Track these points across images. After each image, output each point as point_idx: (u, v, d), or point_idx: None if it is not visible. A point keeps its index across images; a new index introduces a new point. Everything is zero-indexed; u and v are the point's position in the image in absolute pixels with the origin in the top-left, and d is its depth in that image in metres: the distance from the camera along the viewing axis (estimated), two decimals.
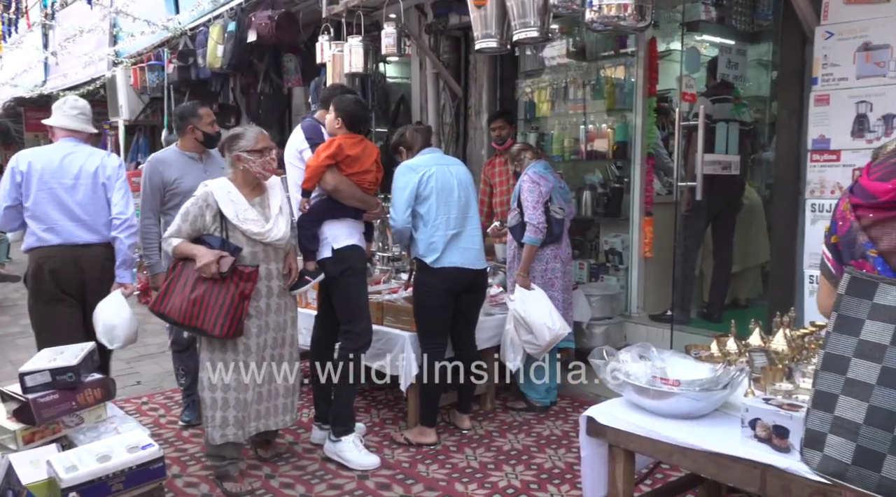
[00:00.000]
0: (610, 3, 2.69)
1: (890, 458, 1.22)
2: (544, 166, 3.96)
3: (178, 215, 2.96)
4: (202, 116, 3.59)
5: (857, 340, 1.29)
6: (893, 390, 1.23)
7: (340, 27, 4.85)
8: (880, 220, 1.40)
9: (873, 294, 1.30)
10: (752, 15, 5.61)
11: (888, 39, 2.94)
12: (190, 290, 2.87)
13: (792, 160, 3.66)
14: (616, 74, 5.16)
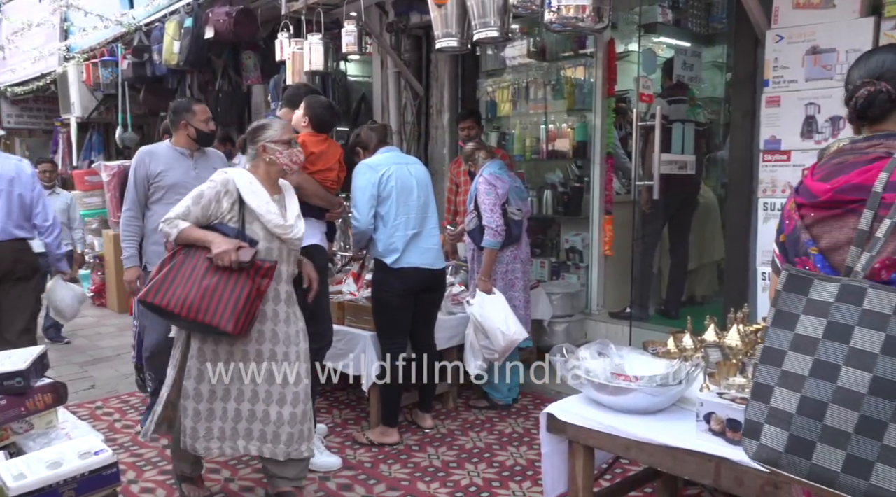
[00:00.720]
0: (568, 4, 2.72)
1: (820, 445, 1.27)
2: (499, 166, 3.96)
3: (189, 197, 2.65)
4: (196, 112, 3.46)
5: (793, 334, 1.33)
6: (824, 381, 1.27)
7: (300, 24, 4.80)
8: (821, 218, 1.44)
9: (808, 290, 1.34)
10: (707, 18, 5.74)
11: (834, 43, 3.04)
12: (198, 279, 2.53)
13: (745, 160, 3.75)
14: (576, 75, 5.22)
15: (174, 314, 2.55)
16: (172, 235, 2.61)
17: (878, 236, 1.32)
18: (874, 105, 1.46)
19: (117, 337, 6.09)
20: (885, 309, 1.26)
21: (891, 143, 1.43)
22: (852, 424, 1.24)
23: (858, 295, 1.29)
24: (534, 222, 5.32)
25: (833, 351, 1.28)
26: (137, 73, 6.66)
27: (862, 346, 1.25)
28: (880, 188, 1.34)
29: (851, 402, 1.24)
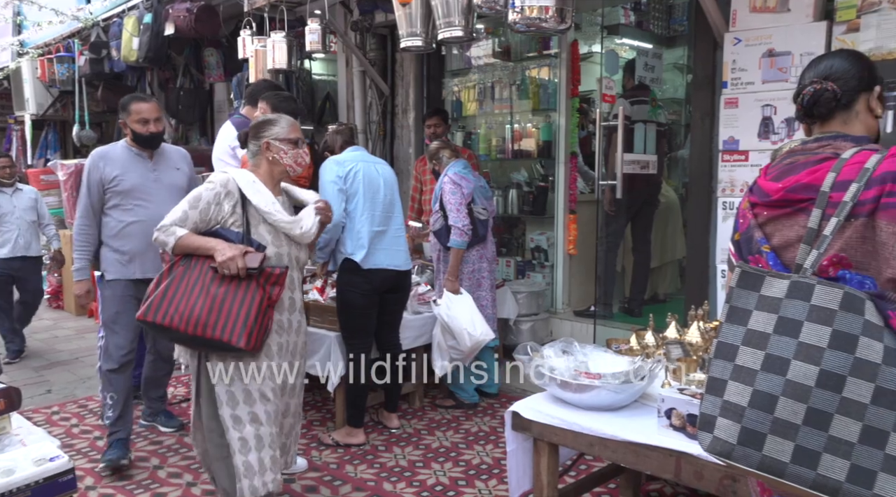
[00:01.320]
0: (532, 5, 2.74)
1: (770, 437, 1.31)
2: (464, 165, 3.97)
3: (185, 201, 2.39)
4: (132, 112, 3.15)
5: (745, 329, 1.37)
6: (774, 375, 1.31)
7: (263, 22, 4.74)
8: (773, 217, 1.48)
9: (760, 286, 1.38)
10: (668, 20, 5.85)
11: (789, 46, 3.12)
12: (202, 292, 2.29)
13: (705, 160, 3.82)
14: (540, 75, 5.26)
15: (179, 332, 2.29)
16: (169, 244, 2.35)
17: (826, 234, 1.36)
18: (819, 103, 1.50)
19: (74, 340, 5.94)
20: (832, 304, 1.30)
21: (838, 144, 1.47)
22: (801, 416, 1.28)
23: (807, 291, 1.33)
24: (499, 222, 5.35)
25: (783, 345, 1.32)
26: (95, 69, 6.50)
27: (810, 340, 1.29)
28: (828, 188, 1.38)
29: (800, 395, 1.28)
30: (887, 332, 1.28)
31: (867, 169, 1.36)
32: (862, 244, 1.35)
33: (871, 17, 2.85)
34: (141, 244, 3.16)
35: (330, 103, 6.31)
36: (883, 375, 1.26)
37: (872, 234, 1.34)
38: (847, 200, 1.35)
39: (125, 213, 3.18)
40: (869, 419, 1.25)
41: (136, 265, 3.20)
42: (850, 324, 1.28)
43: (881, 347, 1.26)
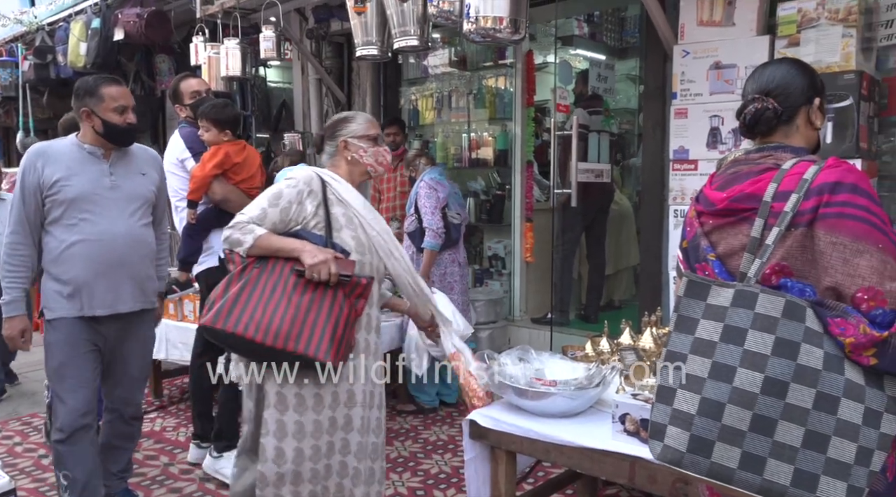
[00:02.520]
0: (486, 15, 2.77)
1: (718, 444, 1.34)
2: (440, 172, 4.09)
3: (264, 197, 2.12)
4: (104, 98, 2.49)
5: (693, 338, 1.39)
6: (722, 383, 1.34)
7: (216, 28, 4.67)
8: (718, 226, 1.52)
9: (707, 295, 1.42)
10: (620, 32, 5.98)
11: (735, 59, 3.21)
12: (283, 299, 2.01)
13: (657, 169, 3.91)
14: (496, 84, 5.32)
15: (253, 343, 1.99)
16: (247, 244, 2.05)
17: (768, 243, 1.40)
18: (761, 121, 1.55)
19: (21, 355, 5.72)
20: (775, 312, 1.33)
21: (779, 155, 1.52)
22: (747, 423, 1.31)
23: (751, 299, 1.36)
24: None
25: (729, 353, 1.35)
26: (40, 75, 6.29)
27: (755, 348, 1.32)
28: (769, 198, 1.42)
29: (746, 402, 1.31)
30: (826, 338, 1.32)
31: (806, 180, 1.40)
32: (802, 253, 1.39)
33: (811, 32, 2.96)
34: (87, 271, 2.46)
35: (286, 111, 6.25)
36: (823, 381, 1.30)
37: (811, 243, 1.38)
38: (788, 210, 1.39)
39: (67, 231, 2.46)
40: (811, 424, 1.29)
41: (83, 298, 2.47)
42: (792, 331, 1.32)
43: (821, 354, 1.31)
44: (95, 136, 2.54)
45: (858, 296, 1.32)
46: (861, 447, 1.29)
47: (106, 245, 2.47)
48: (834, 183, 1.37)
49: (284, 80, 6.77)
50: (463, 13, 2.91)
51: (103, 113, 2.50)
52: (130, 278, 2.56)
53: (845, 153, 2.79)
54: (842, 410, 1.29)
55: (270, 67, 6.43)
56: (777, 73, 1.58)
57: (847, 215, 1.35)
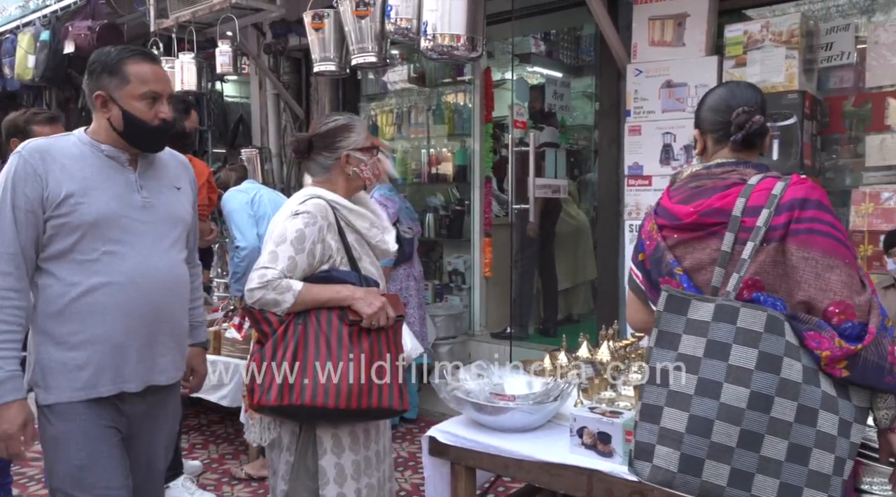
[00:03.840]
0: (443, 33, 2.80)
1: (708, 462, 1.32)
2: (389, 189, 4.04)
3: (286, 243, 1.86)
4: (129, 78, 1.73)
5: (676, 354, 1.39)
6: (709, 399, 1.33)
7: (171, 42, 4.61)
8: (684, 240, 1.53)
9: (687, 310, 1.41)
10: (576, 51, 6.10)
11: (685, 78, 3.31)
12: (343, 354, 1.84)
13: (612, 184, 3.98)
14: (455, 101, 5.36)
15: (326, 410, 1.82)
16: (287, 303, 1.82)
17: (744, 258, 1.41)
18: (761, 134, 1.57)
19: None
20: (757, 327, 1.34)
21: (742, 170, 1.55)
22: (735, 439, 1.31)
23: (732, 314, 1.37)
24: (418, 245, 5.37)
25: (714, 368, 1.34)
26: None
27: (739, 362, 1.33)
28: (739, 212, 1.44)
29: (734, 418, 1.31)
30: (803, 351, 1.34)
31: (775, 195, 1.42)
32: (774, 268, 1.41)
33: (756, 53, 3.08)
34: (115, 329, 1.72)
35: (243, 126, 6.18)
36: (803, 394, 1.31)
37: (783, 258, 1.40)
38: (760, 225, 1.41)
39: (81, 270, 1.70)
40: (794, 437, 1.30)
41: (106, 371, 1.72)
42: (774, 345, 1.33)
43: (800, 367, 1.32)
44: (112, 135, 1.78)
45: (830, 309, 1.35)
46: (837, 457, 1.31)
47: (141, 290, 1.75)
48: (802, 199, 1.41)
49: (242, 94, 6.70)
50: (420, 31, 2.93)
51: (126, 101, 1.74)
52: (171, 336, 1.85)
53: (791, 169, 2.90)
54: (820, 422, 1.31)
55: (227, 82, 6.36)
56: (753, 92, 1.61)
57: (817, 231, 1.38)
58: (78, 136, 1.80)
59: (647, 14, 3.43)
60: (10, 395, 1.63)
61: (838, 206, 3.27)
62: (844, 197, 3.21)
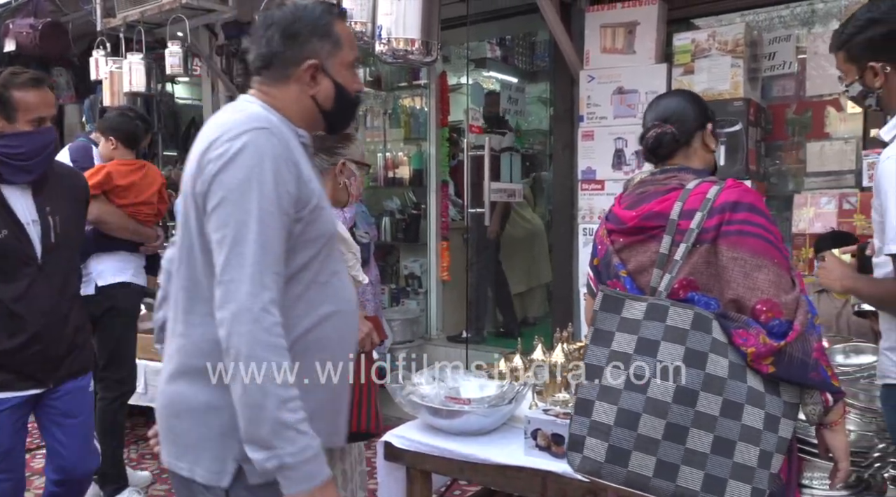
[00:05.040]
0: (398, 37, 2.79)
1: (634, 453, 1.38)
2: None
3: None
4: (343, 43, 1.41)
5: (609, 350, 1.44)
6: (637, 393, 1.39)
7: (119, 42, 4.49)
8: (629, 243, 1.59)
9: (621, 309, 1.47)
10: (531, 56, 6.17)
11: (636, 85, 3.38)
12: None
13: (566, 189, 4.03)
14: (411, 104, 5.36)
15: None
16: None
17: (677, 259, 1.47)
18: (662, 145, 1.64)
19: None
20: (684, 324, 1.40)
21: (682, 176, 1.60)
22: (661, 432, 1.36)
23: (662, 312, 1.42)
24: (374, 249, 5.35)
25: (643, 364, 1.40)
26: None
27: (667, 358, 1.38)
28: (676, 216, 1.49)
29: (660, 411, 1.36)
30: (731, 348, 1.39)
31: (708, 199, 1.48)
32: (707, 268, 1.46)
33: (703, 61, 3.17)
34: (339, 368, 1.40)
35: (195, 129, 6.06)
36: (729, 389, 1.36)
37: (715, 258, 1.45)
38: (693, 228, 1.46)
39: (320, 293, 1.37)
40: (719, 430, 1.35)
41: (324, 422, 1.36)
42: (701, 342, 1.38)
43: (727, 363, 1.37)
44: (310, 115, 1.42)
45: (758, 307, 1.39)
46: (762, 451, 1.36)
47: (354, 322, 1.49)
48: (734, 202, 1.46)
49: (194, 96, 6.56)
50: (375, 34, 2.93)
51: (337, 70, 1.41)
52: None
53: (736, 174, 2.98)
54: (745, 416, 1.36)
55: (178, 83, 6.23)
56: (672, 103, 1.69)
57: (746, 233, 1.43)
58: (267, 111, 1.35)
59: (599, 21, 3.49)
60: (321, 475, 1.24)
61: (782, 211, 3.39)
62: (788, 201, 3.33)
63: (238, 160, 1.24)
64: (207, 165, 1.27)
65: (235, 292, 1.20)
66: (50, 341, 2.25)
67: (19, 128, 2.16)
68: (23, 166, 2.17)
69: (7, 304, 2.16)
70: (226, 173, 1.24)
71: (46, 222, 2.24)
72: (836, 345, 2.23)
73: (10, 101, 2.16)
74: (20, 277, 2.18)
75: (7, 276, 2.18)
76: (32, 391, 2.26)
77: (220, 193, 1.24)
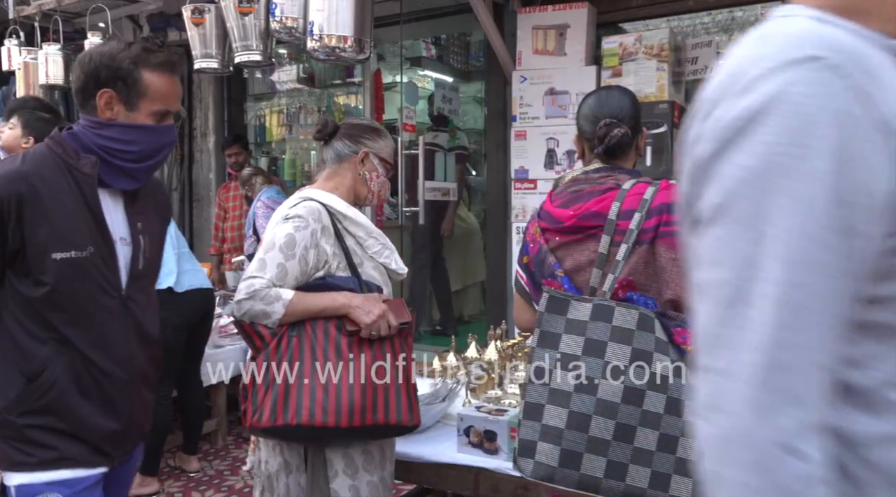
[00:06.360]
0: (330, 34, 2.75)
1: (587, 456, 1.38)
2: (277, 191, 3.97)
3: (275, 249, 1.73)
4: None
5: (557, 352, 1.44)
6: (587, 395, 1.40)
7: (35, 31, 4.26)
8: (565, 242, 1.59)
9: (567, 310, 1.46)
10: (466, 56, 6.20)
11: (567, 86, 3.45)
12: (343, 368, 1.70)
13: (500, 188, 4.08)
14: (346, 102, 5.31)
15: (325, 429, 1.67)
16: (278, 314, 1.68)
17: (619, 259, 1.48)
18: (621, 146, 1.64)
19: None
20: (630, 324, 1.41)
21: (617, 176, 1.62)
22: (610, 432, 1.37)
23: (608, 313, 1.43)
24: None
25: (592, 366, 1.40)
26: None
27: (614, 359, 1.39)
28: (614, 216, 1.50)
29: (609, 412, 1.37)
30: (671, 347, 1.41)
31: (646, 200, 1.49)
32: (645, 268, 1.48)
33: (631, 64, 3.26)
34: None
35: None
36: (672, 387, 1.38)
37: (653, 259, 1.47)
38: (633, 228, 1.47)
39: None
40: (664, 427, 1.37)
41: None
42: (645, 342, 1.39)
43: (669, 361, 1.39)
44: None
45: None
46: None
47: None
48: (670, 204, 1.47)
49: None
50: (307, 30, 2.88)
51: None
52: None
53: (663, 175, 3.07)
54: (686, 412, 1.38)
55: None
56: (624, 100, 1.67)
57: None
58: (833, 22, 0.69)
59: (530, 23, 3.54)
60: None
61: None
62: None
63: (753, 132, 0.64)
64: (701, 144, 0.70)
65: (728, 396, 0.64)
66: (125, 401, 1.63)
67: (139, 119, 1.60)
68: (130, 170, 1.62)
69: (81, 350, 1.53)
70: (726, 159, 0.66)
71: (137, 242, 1.64)
72: None
73: (137, 84, 1.59)
74: (98, 312, 1.56)
75: (82, 309, 1.55)
76: (101, 469, 1.62)
77: (716, 198, 0.67)
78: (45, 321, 1.51)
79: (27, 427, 1.51)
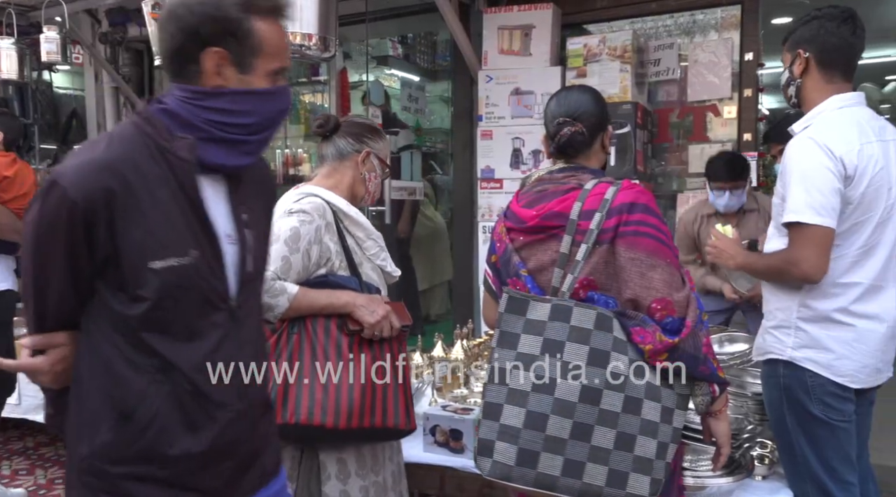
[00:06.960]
0: (294, 31, 2.72)
1: (543, 454, 1.39)
2: None
3: (281, 242, 1.67)
4: None
5: (516, 353, 1.44)
6: (544, 394, 1.40)
7: None
8: (528, 242, 1.59)
9: (526, 310, 1.47)
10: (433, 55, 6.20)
11: (533, 86, 3.47)
12: (343, 368, 1.67)
13: (466, 187, 4.08)
14: (312, 101, 5.26)
15: (323, 429, 1.63)
16: (281, 307, 1.64)
17: (578, 259, 1.49)
18: (573, 144, 1.63)
19: None
20: (588, 324, 1.42)
21: (580, 176, 1.62)
22: (567, 431, 1.38)
23: (566, 313, 1.44)
24: None
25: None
26: None
27: (572, 359, 1.40)
28: (576, 216, 1.51)
29: (566, 411, 1.38)
30: (630, 346, 1.42)
31: (606, 200, 1.50)
32: (605, 268, 1.49)
33: (595, 65, 3.30)
34: None
35: (77, 120, 5.66)
36: (629, 385, 1.40)
37: (613, 258, 1.48)
38: (593, 228, 1.48)
39: None
40: (621, 426, 1.39)
41: None
42: (603, 341, 1.41)
43: (627, 360, 1.41)
44: None
45: (653, 306, 1.44)
46: (660, 442, 1.41)
47: None
48: (630, 203, 1.49)
49: (76, 86, 6.14)
50: None
51: None
52: None
53: (626, 175, 3.13)
54: (644, 411, 1.41)
55: (57, 72, 5.81)
56: (582, 99, 1.67)
57: (642, 233, 1.47)
58: None
59: (496, 23, 3.56)
60: None
61: (666, 209, 3.58)
62: (672, 200, 3.52)
63: None
64: None
65: None
66: (244, 435, 1.30)
67: (254, 83, 1.24)
68: (243, 144, 1.26)
69: (186, 374, 1.21)
70: None
71: (243, 238, 1.31)
72: (712, 335, 2.38)
73: (250, 37, 1.23)
74: (206, 330, 1.25)
75: (187, 325, 1.23)
76: None
77: None
78: (143, 344, 1.19)
79: (122, 478, 1.20)
